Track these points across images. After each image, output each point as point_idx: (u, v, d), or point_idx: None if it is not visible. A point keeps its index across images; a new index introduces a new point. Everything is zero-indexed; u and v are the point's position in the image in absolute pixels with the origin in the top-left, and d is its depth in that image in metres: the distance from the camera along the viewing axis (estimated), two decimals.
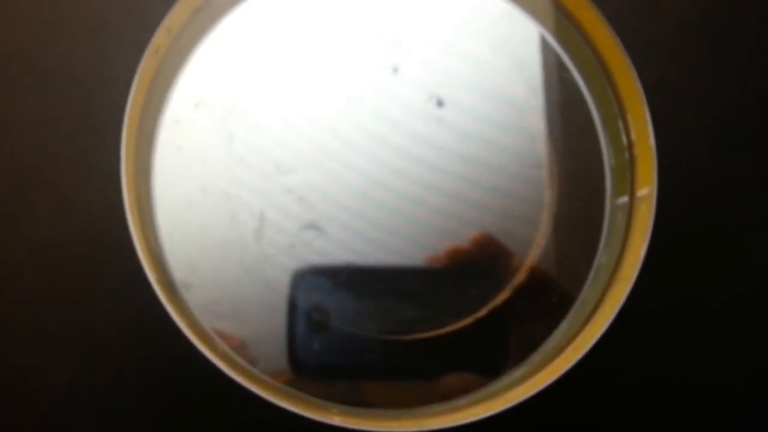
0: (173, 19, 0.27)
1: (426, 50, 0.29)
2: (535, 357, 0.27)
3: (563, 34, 0.29)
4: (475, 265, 0.27)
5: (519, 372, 0.27)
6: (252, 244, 0.27)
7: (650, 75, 0.28)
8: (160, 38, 0.27)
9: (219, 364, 0.24)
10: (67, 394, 0.27)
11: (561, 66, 0.29)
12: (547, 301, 0.28)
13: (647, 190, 0.27)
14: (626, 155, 0.28)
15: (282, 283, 0.27)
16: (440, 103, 0.29)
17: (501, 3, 0.29)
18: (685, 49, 0.30)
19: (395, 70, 0.29)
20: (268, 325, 0.26)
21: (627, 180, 0.28)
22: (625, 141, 0.28)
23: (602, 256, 0.28)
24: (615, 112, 0.29)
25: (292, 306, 0.26)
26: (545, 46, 0.29)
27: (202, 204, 0.27)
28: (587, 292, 0.28)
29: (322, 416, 0.24)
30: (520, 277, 0.28)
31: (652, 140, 0.27)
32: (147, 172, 0.27)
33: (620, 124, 0.28)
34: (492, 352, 0.27)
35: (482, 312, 0.27)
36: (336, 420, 0.24)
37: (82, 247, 0.27)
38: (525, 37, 0.29)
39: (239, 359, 0.26)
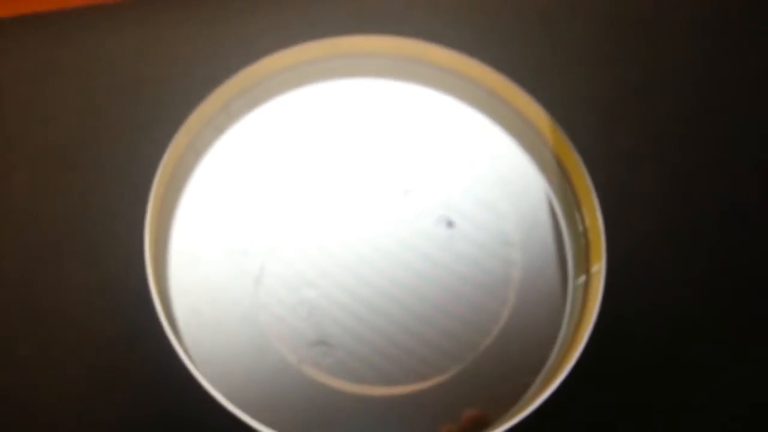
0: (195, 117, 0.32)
1: (434, 175, 0.33)
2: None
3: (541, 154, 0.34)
4: None
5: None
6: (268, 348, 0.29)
7: (601, 174, 0.33)
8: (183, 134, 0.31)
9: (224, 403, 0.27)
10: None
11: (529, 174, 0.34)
12: None
13: (598, 266, 0.31)
14: (582, 241, 0.32)
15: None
16: (450, 224, 0.32)
17: (497, 132, 0.34)
18: (632, 153, 0.36)
19: (406, 192, 0.32)
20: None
21: (584, 261, 0.32)
22: (581, 228, 0.33)
23: (566, 330, 0.31)
24: (572, 205, 0.33)
25: None
26: (521, 157, 0.34)
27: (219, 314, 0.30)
28: (552, 361, 0.31)
29: None
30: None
31: (601, 225, 0.31)
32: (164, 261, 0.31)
33: (577, 215, 0.33)
34: None
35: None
36: None
37: (105, 294, 0.31)
38: (509, 156, 0.34)
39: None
